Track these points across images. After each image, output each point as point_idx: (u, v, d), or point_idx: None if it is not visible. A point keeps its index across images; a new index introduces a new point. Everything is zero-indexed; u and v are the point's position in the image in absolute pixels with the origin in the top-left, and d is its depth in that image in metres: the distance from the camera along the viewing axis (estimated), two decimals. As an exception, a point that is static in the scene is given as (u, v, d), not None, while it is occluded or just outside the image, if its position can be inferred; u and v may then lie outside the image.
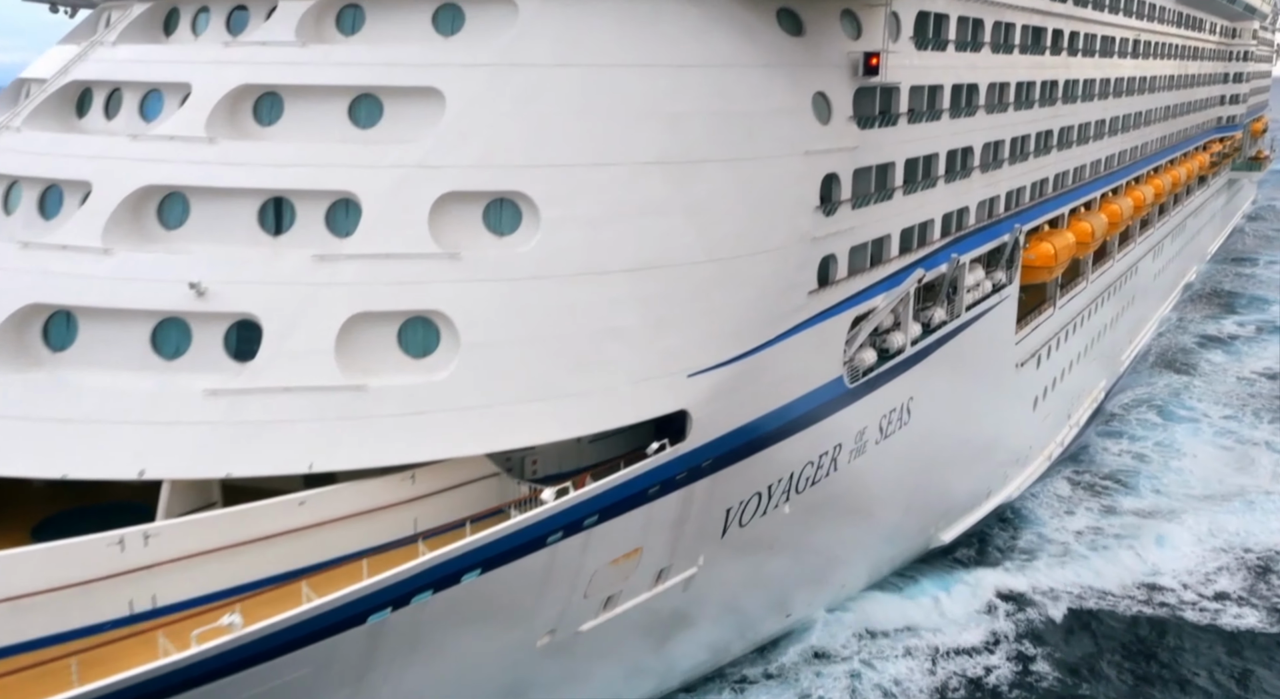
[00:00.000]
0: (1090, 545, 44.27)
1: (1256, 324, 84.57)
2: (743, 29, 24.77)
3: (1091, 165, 53.43)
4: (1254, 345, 78.53)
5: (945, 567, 41.14)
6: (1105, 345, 62.16)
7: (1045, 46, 42.09)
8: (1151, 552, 43.39)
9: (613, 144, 22.66)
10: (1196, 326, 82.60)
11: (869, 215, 28.92)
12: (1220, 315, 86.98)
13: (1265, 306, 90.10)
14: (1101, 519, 47.54)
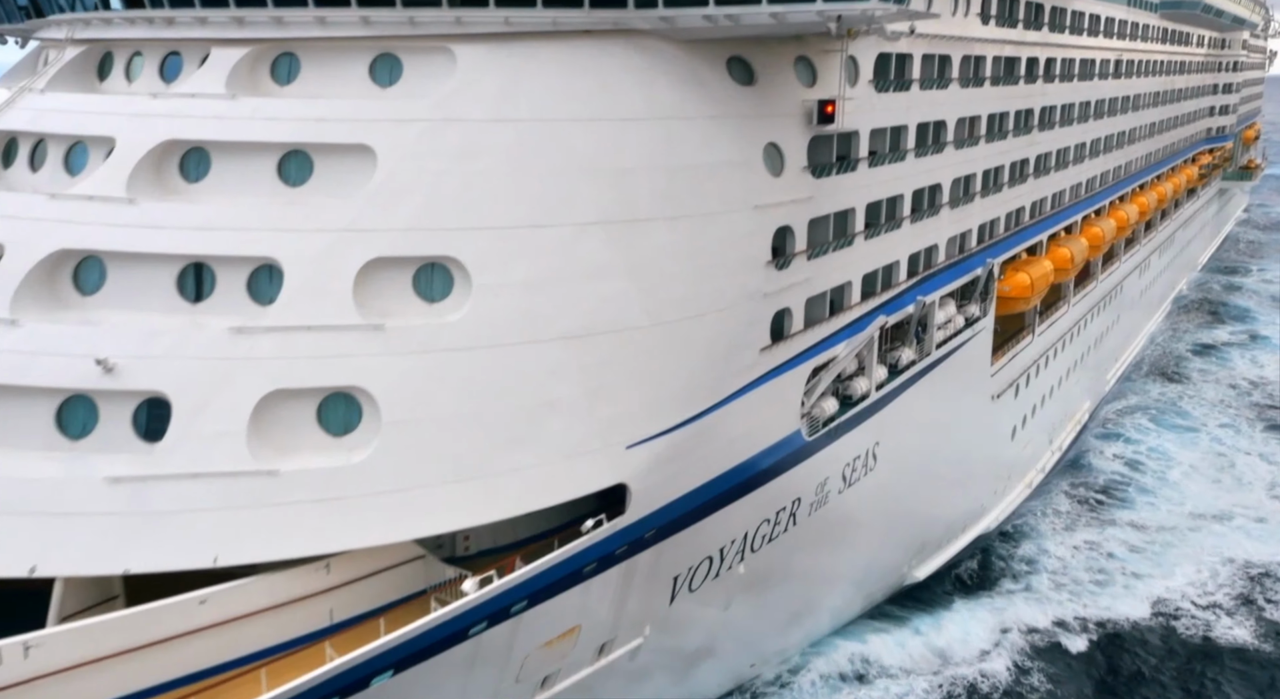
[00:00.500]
0: (1088, 567, 44.23)
1: (1247, 333, 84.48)
2: (691, 79, 23.84)
3: (1071, 189, 52.54)
4: (1244, 353, 78.72)
5: (946, 593, 41.01)
6: (1089, 366, 61.36)
7: (1019, 76, 41.19)
8: (1150, 576, 43.48)
9: (552, 204, 21.74)
10: (1189, 336, 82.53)
11: (827, 264, 28.02)
12: (1211, 325, 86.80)
13: (1255, 318, 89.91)
14: (1099, 534, 47.49)
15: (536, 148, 21.95)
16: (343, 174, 21.51)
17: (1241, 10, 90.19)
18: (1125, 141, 62.86)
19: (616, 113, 22.83)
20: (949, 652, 36.59)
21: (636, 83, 23.20)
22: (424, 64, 22.49)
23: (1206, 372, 74.02)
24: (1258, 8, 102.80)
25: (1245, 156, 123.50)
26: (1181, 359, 76.79)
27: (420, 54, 22.55)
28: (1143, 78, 64.67)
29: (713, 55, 24.28)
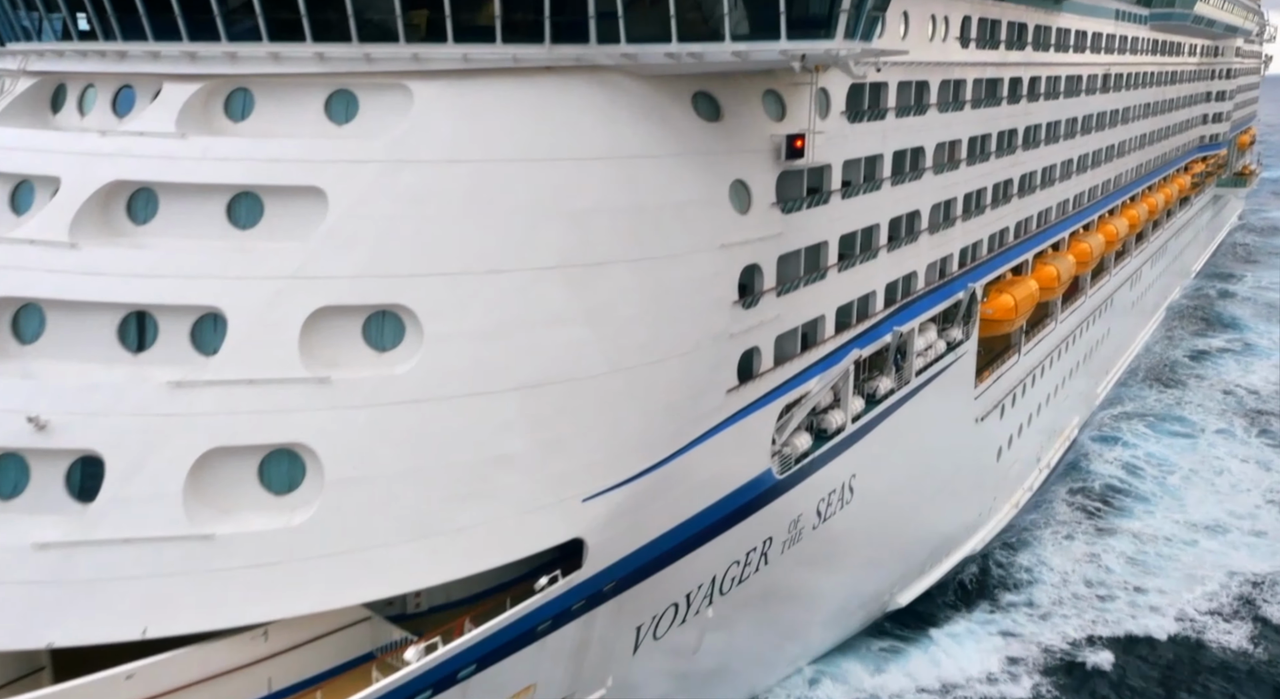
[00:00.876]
0: (1088, 580, 44.53)
1: (1240, 341, 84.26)
2: (655, 115, 23.19)
3: (1058, 207, 51.90)
4: (1237, 360, 78.69)
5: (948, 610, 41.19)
6: (1078, 381, 60.76)
7: (1002, 97, 40.56)
8: (1151, 589, 43.76)
9: (509, 247, 21.10)
10: (1184, 344, 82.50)
11: (798, 300, 27.40)
12: (1205, 332, 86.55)
13: (1248, 326, 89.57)
14: (1099, 545, 47.75)
15: (493, 189, 21.32)
16: (294, 217, 20.87)
17: (1234, 18, 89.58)
18: (1114, 155, 62.26)
19: (577, 152, 22.20)
20: (955, 679, 36.54)
21: (599, 120, 22.57)
22: (380, 101, 21.88)
23: (1202, 377, 74.48)
24: (1251, 14, 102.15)
25: (1240, 162, 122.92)
26: (1178, 365, 77.18)
27: (377, 91, 21.95)
28: (1132, 91, 64.07)
29: (678, 91, 23.64)
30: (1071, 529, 49.41)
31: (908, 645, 37.90)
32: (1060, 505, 52.02)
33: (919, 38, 31.81)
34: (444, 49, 21.67)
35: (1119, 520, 50.64)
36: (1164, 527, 49.84)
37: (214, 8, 21.70)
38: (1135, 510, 51.92)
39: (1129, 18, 59.35)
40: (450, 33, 21.56)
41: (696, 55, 22.07)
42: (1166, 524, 50.14)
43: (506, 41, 21.84)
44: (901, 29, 30.48)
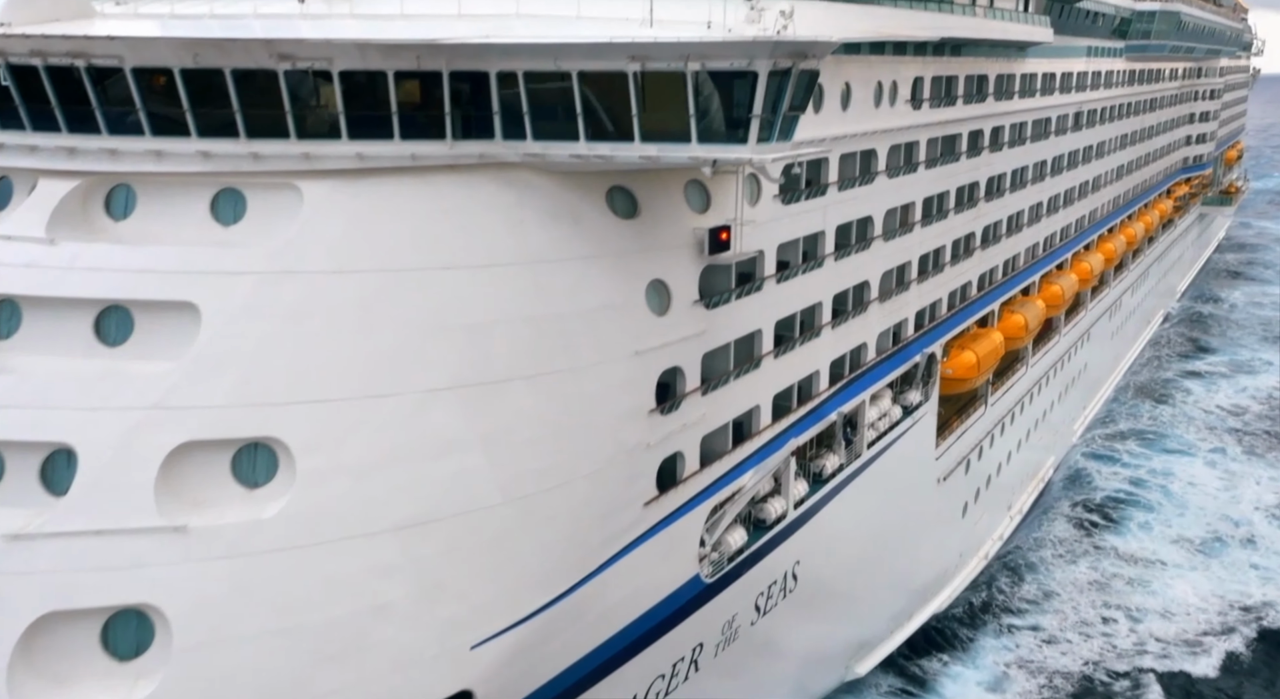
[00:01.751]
0: (1094, 602, 46.43)
1: (1226, 364, 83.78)
2: (565, 215, 21.73)
3: (1027, 252, 50.49)
4: (1224, 381, 78.82)
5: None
6: (1053, 422, 59.40)
7: (960, 153, 39.11)
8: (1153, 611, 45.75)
9: (396, 369, 19.64)
10: (1173, 365, 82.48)
11: (728, 395, 25.97)
12: (1192, 352, 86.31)
13: (1237, 344, 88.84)
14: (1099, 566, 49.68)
15: (383, 303, 19.86)
16: (166, 334, 19.40)
17: (1217, 40, 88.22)
18: (1088, 191, 60.81)
19: (477, 259, 20.74)
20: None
21: (502, 222, 21.13)
22: (269, 201, 20.40)
23: (1190, 394, 75.41)
24: (1236, 31, 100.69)
25: (1227, 179, 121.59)
26: (1168, 383, 77.94)
27: (266, 190, 20.48)
28: (1107, 124, 62.60)
29: (591, 186, 22.18)
30: (1071, 549, 51.40)
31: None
32: (1061, 522, 54.42)
33: (863, 107, 30.33)
34: (337, 146, 20.25)
35: (1117, 539, 52.55)
36: (1163, 548, 51.74)
37: (92, 99, 20.25)
38: (1134, 530, 53.57)
39: (1102, 52, 57.90)
40: (344, 129, 20.14)
41: (605, 157, 20.69)
42: (1163, 545, 52.11)
43: (405, 137, 20.44)
44: (841, 102, 29.01)
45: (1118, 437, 67.06)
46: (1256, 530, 53.95)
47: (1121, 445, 65.54)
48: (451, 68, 20.24)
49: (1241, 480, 60.40)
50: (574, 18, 22.44)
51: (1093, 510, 56.12)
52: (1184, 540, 52.75)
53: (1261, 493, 58.68)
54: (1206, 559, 51.05)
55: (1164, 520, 54.90)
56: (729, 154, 19.99)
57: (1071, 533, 53.51)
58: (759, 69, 19.21)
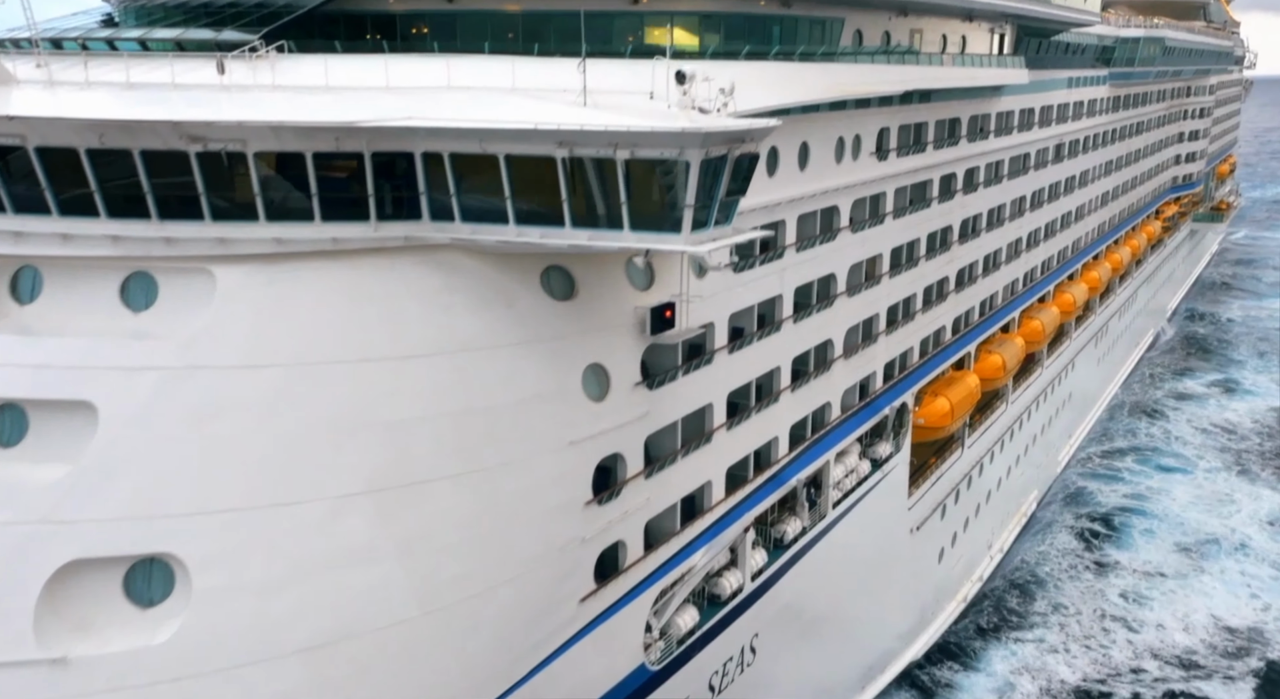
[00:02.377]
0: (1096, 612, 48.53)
1: (1222, 376, 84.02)
2: (496, 299, 20.77)
3: (1006, 289, 49.56)
4: (1219, 399, 79.09)
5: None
6: (1035, 456, 58.50)
7: (931, 198, 38.20)
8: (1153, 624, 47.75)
9: (307, 474, 18.68)
10: (1166, 384, 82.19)
11: (677, 474, 25.06)
12: (1185, 370, 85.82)
13: (1231, 361, 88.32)
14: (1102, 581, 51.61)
15: (294, 400, 18.89)
16: (61, 436, 18.38)
17: (1205, 60, 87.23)
18: (1071, 221, 59.82)
19: (399, 349, 19.80)
20: None
21: (427, 310, 20.18)
22: (183, 286, 19.42)
23: (1183, 413, 75.52)
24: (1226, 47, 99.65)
25: (1219, 193, 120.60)
26: (1160, 402, 78.14)
27: (179, 274, 19.52)
28: (1090, 153, 61.63)
29: (526, 267, 21.24)
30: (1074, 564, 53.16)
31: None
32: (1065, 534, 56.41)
33: (823, 165, 29.42)
34: (254, 229, 19.26)
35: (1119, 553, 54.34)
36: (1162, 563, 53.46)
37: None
38: (1134, 544, 55.43)
39: (1084, 82, 56.89)
40: (261, 211, 19.21)
41: (535, 243, 19.80)
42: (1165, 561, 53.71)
43: (326, 219, 19.48)
44: (798, 162, 28.11)
45: (1115, 454, 68.29)
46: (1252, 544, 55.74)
47: (1120, 462, 66.96)
48: (373, 149, 19.34)
49: (1236, 497, 61.69)
50: (508, 88, 21.64)
51: (1096, 520, 58.26)
52: (1181, 555, 54.61)
53: (1258, 509, 60.02)
54: (1202, 574, 52.77)
55: (1161, 535, 56.77)
56: (662, 244, 19.09)
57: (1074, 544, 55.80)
58: (690, 160, 18.30)
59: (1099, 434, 70.63)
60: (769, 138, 26.14)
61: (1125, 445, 69.61)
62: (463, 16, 26.46)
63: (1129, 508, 59.52)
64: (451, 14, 26.35)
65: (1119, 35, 60.64)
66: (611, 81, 21.99)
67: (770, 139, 26.43)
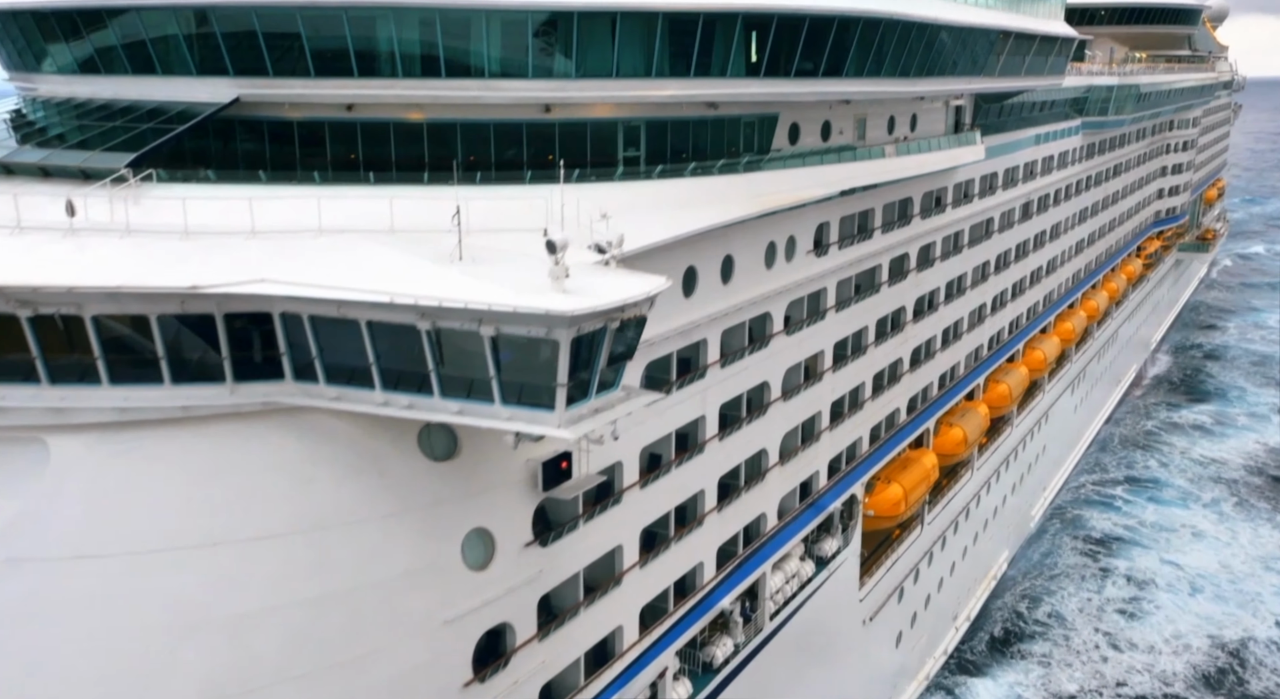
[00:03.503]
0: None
1: (1210, 409, 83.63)
2: (365, 465, 19.09)
3: (969, 358, 47.92)
4: (1209, 431, 79.14)
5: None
6: (1006, 517, 56.89)
7: (881, 283, 36.54)
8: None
9: (134, 681, 17.04)
10: (1160, 415, 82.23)
11: (579, 627, 23.40)
12: (1174, 402, 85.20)
13: (1224, 390, 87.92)
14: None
15: (127, 596, 17.23)
16: None
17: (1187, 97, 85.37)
18: (1042, 275, 58.12)
19: (250, 530, 18.14)
20: None
21: (286, 482, 18.52)
22: (12, 459, 17.78)
23: (1174, 445, 76.22)
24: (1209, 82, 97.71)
25: (1207, 217, 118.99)
26: (1149, 434, 78.78)
27: (9, 445, 17.87)
28: (1062, 204, 59.92)
29: (402, 427, 19.53)
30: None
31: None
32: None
33: (751, 274, 27.79)
34: (97, 393, 17.60)
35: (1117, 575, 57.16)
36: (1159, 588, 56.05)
37: None
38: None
39: (1054, 136, 55.17)
40: (104, 374, 17.57)
41: (412, 405, 18.17)
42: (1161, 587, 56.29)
43: (177, 382, 17.84)
44: (721, 276, 26.49)
45: (1108, 482, 69.66)
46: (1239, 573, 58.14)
47: (1114, 490, 68.64)
48: (225, 311, 17.75)
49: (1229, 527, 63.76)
50: (385, 229, 20.04)
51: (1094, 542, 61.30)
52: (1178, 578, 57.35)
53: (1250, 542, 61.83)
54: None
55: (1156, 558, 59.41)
56: (534, 425, 17.45)
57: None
58: (560, 339, 16.69)
59: (1090, 465, 71.76)
60: (688, 253, 24.76)
61: (1119, 475, 70.87)
62: (364, 126, 24.84)
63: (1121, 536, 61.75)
64: (351, 123, 24.72)
65: (1090, 84, 58.85)
66: (508, 210, 20.46)
67: (687, 257, 24.91)
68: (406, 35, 23.42)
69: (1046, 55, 42.62)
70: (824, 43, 27.12)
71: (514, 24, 23.80)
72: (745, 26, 25.51)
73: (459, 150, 24.84)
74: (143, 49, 24.35)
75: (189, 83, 24.09)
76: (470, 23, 23.69)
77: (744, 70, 26.12)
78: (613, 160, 25.62)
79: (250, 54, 23.53)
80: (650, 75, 25.04)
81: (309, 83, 23.73)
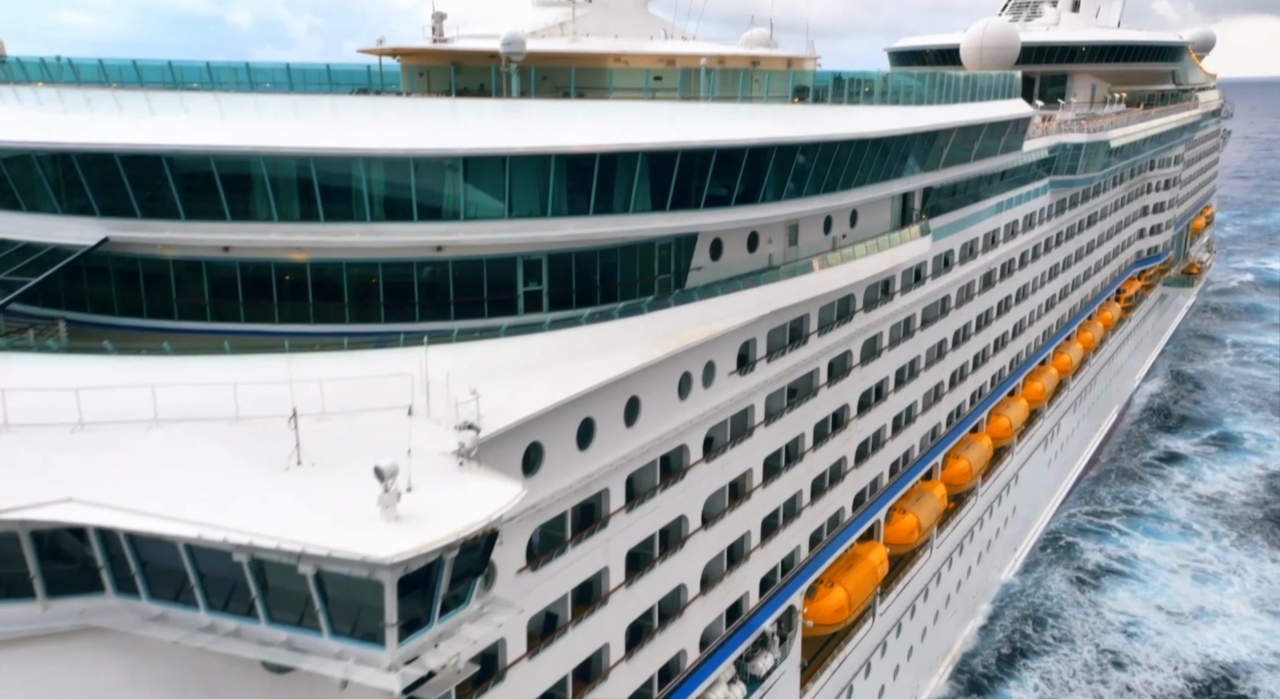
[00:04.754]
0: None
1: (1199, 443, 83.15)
2: (193, 683, 17.52)
3: (925, 438, 46.28)
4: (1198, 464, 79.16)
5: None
6: (970, 587, 55.28)
7: (819, 386, 34.90)
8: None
9: None
10: (1147, 451, 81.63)
11: None
12: (1160, 436, 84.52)
13: (1215, 422, 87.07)
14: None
15: None
16: None
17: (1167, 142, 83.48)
18: (1009, 339, 56.35)
19: None
20: None
21: None
22: None
23: (1168, 479, 76.64)
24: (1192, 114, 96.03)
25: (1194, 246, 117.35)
26: (1142, 466, 78.95)
27: None
28: (1030, 265, 58.15)
29: None
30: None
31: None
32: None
33: (661, 410, 26.20)
34: None
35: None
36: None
37: None
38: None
39: (1019, 200, 53.32)
40: None
41: (231, 633, 16.65)
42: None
43: None
44: (624, 419, 24.94)
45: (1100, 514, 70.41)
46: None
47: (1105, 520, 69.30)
48: (31, 528, 16.30)
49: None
50: (230, 417, 18.54)
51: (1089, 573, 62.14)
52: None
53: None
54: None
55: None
56: (360, 669, 15.89)
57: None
58: (384, 580, 15.18)
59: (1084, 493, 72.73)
60: (583, 406, 23.15)
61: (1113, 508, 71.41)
62: (244, 265, 23.44)
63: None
64: (230, 262, 23.29)
65: (1058, 142, 57.03)
66: (372, 385, 19.01)
67: (582, 410, 23.35)
68: (282, 180, 22.10)
69: (999, 137, 41.05)
70: (736, 171, 25.61)
71: (397, 168, 22.42)
72: (648, 162, 24.03)
73: (345, 290, 23.49)
74: (7, 185, 23.19)
75: (56, 221, 22.92)
76: (350, 168, 22.34)
77: (649, 204, 24.65)
78: (511, 297, 24.14)
79: (117, 195, 22.30)
80: (546, 215, 23.63)
81: (179, 226, 22.49)
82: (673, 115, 27.74)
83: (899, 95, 36.02)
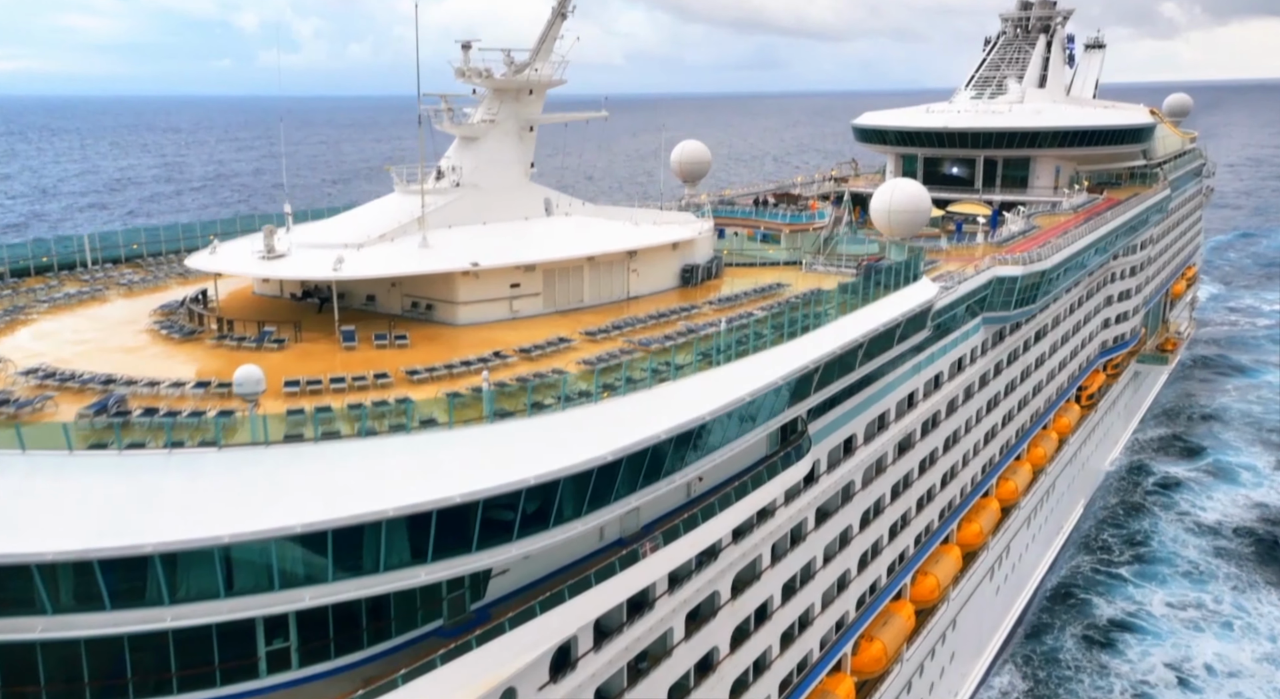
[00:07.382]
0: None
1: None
2: None
3: (871, 588, 44.06)
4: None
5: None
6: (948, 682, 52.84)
7: (719, 607, 32.48)
8: None
9: None
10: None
11: None
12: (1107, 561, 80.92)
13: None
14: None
15: None
16: None
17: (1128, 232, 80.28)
18: (936, 493, 52.98)
19: None
20: None
21: None
22: None
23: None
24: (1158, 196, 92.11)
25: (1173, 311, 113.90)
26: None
27: None
28: (960, 408, 54.82)
29: None
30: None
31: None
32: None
33: None
34: None
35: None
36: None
37: None
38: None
39: (941, 352, 49.98)
40: None
41: None
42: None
43: None
44: None
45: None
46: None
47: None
48: None
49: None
50: None
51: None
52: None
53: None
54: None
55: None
56: None
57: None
58: None
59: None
60: None
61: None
62: None
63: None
64: None
65: (992, 278, 53.64)
66: None
67: None
68: None
69: (890, 338, 38.44)
70: (515, 506, 22.68)
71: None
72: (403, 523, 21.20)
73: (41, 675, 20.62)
74: None
75: None
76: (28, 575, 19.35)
77: (408, 558, 21.76)
78: (252, 661, 21.33)
79: None
80: (274, 589, 20.61)
81: None
82: (436, 458, 22.76)
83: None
